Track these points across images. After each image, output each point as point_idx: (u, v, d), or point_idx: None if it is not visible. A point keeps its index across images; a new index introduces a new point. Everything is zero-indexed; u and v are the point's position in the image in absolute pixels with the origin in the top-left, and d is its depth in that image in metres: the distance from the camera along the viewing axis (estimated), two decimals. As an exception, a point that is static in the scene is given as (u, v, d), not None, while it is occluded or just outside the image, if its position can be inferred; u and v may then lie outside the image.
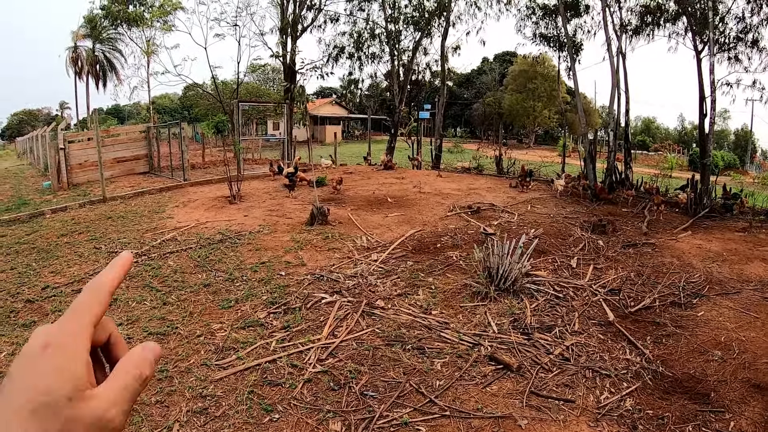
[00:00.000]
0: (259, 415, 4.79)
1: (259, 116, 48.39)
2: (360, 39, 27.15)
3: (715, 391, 5.28)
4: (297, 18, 25.50)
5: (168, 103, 77.65)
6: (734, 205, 14.72)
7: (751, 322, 6.84)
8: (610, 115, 19.14)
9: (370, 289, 7.78)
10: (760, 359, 5.80)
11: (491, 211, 12.84)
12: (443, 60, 26.31)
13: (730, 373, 5.56)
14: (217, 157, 25.34)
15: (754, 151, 63.38)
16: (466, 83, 73.12)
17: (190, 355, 5.89)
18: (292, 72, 25.74)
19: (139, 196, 16.30)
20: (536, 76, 58.53)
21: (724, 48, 19.78)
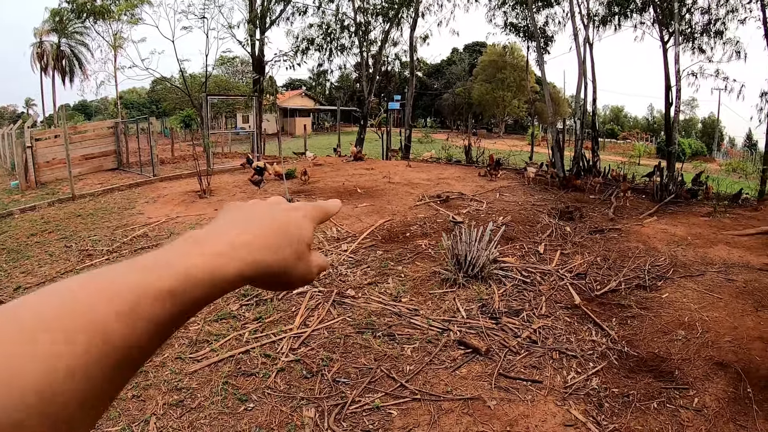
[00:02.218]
0: (234, 405, 4.86)
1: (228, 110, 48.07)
2: (329, 31, 27.08)
3: (679, 369, 5.44)
4: (265, 10, 25.34)
5: (136, 97, 76.65)
6: (699, 191, 15.01)
7: (714, 302, 7.02)
8: (577, 104, 19.39)
9: (341, 279, 7.86)
10: (722, 338, 5.97)
11: (460, 199, 12.95)
12: (412, 51, 26.34)
13: (694, 352, 5.73)
14: (187, 152, 25.15)
15: (721, 138, 64.39)
16: (436, 74, 73.18)
17: (164, 349, 5.91)
18: (261, 64, 25.61)
19: (108, 192, 16.18)
20: (505, 66, 58.82)
21: (690, 38, 20.16)
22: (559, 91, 48.39)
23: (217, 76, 45.53)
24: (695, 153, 44.71)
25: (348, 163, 20.82)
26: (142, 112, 56.89)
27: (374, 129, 26.08)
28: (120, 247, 9.88)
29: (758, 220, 12.18)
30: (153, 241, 10.13)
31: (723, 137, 66.77)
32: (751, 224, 11.66)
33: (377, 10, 26.37)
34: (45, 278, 8.38)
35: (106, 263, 8.51)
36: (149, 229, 11.00)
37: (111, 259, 9.19)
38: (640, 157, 29.24)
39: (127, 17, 26.82)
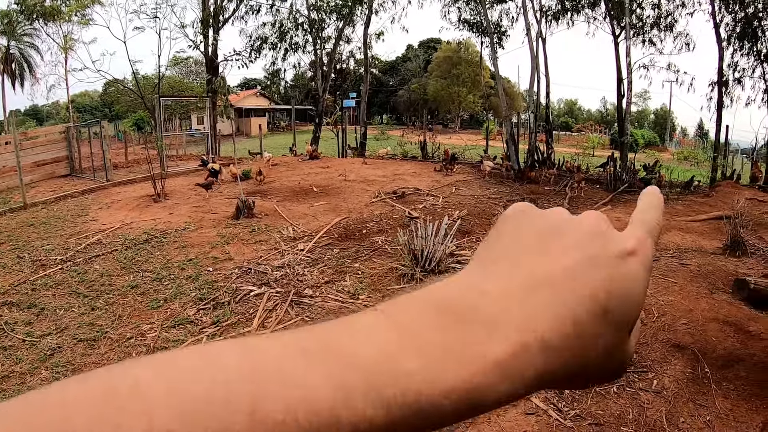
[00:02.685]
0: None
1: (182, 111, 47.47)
2: (282, 29, 26.93)
3: (637, 352, 5.53)
4: (218, 9, 25.14)
5: (88, 101, 74.99)
6: (653, 179, 15.31)
7: (669, 287, 7.17)
8: (530, 98, 19.65)
9: (298, 279, 7.84)
10: (678, 321, 6.10)
11: (416, 195, 13.02)
12: (366, 48, 26.37)
13: (651, 336, 5.84)
14: (141, 156, 24.77)
15: (673, 129, 65.80)
16: (392, 70, 73.15)
17: (122, 359, 5.75)
18: (214, 64, 25.38)
19: (61, 200, 15.84)
20: (460, 62, 58.99)
21: (641, 32, 20.57)
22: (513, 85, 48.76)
23: (170, 77, 44.93)
24: (648, 143, 45.57)
25: (304, 162, 20.76)
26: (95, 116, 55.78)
27: (330, 127, 26.02)
28: (74, 255, 9.70)
29: (710, 205, 12.51)
30: (107, 248, 9.97)
31: (675, 127, 68.23)
32: (703, 210, 11.97)
33: (331, 7, 26.31)
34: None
35: (60, 273, 8.42)
36: (103, 236, 10.82)
37: (65, 268, 9.02)
38: (594, 149, 29.62)
39: (78, 18, 26.32)
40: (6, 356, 6.07)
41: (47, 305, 7.46)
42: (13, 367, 5.78)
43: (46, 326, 6.82)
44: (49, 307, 7.38)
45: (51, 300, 7.67)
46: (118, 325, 6.75)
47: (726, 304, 6.56)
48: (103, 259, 9.39)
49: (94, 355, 5.99)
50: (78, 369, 5.68)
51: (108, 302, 7.48)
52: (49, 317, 7.10)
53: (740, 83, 20.37)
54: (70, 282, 8.35)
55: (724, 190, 14.52)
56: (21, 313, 7.28)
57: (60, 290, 8.04)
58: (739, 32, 19.42)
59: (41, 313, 7.26)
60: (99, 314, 7.10)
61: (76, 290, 7.97)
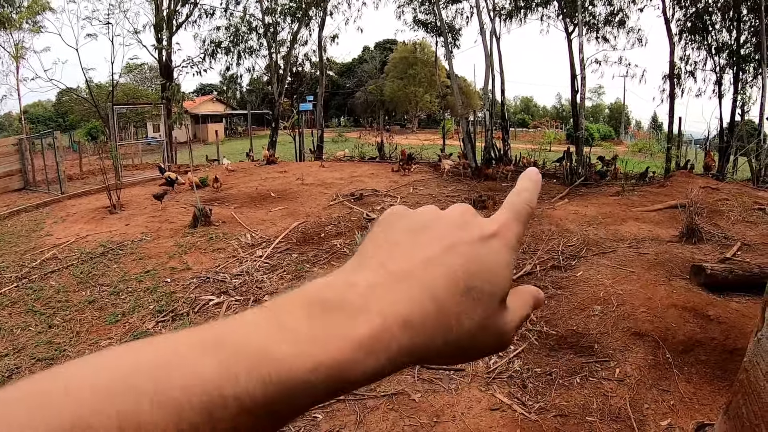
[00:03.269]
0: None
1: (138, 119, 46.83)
2: (237, 33, 26.77)
3: (599, 342, 5.63)
4: (172, 13, 24.87)
5: (42, 111, 73.58)
6: (608, 172, 15.55)
7: (627, 276, 7.28)
8: (485, 96, 19.75)
9: (257, 286, 7.78)
10: (638, 309, 6.20)
11: (374, 196, 13.02)
12: (321, 50, 26.29)
13: (612, 325, 5.93)
14: (96, 166, 24.38)
15: (628, 122, 66.98)
16: (348, 72, 73.21)
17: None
18: (169, 70, 25.11)
19: (15, 215, 15.49)
20: (416, 63, 59.33)
21: (594, 28, 20.93)
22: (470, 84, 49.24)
23: (125, 85, 44.25)
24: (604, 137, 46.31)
25: (261, 167, 20.61)
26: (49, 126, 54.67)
27: (287, 131, 25.90)
28: (29, 272, 9.48)
29: (665, 195, 12.73)
30: (63, 263, 9.77)
31: (629, 121, 69.46)
32: (658, 200, 12.18)
33: (285, 10, 26.20)
34: (-51, 312, 7.98)
35: (15, 291, 8.23)
36: (58, 250, 10.60)
37: (20, 285, 8.83)
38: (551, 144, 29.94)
39: (29, 25, 25.80)
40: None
41: (3, 325, 7.26)
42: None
43: (2, 347, 6.64)
44: (6, 327, 7.18)
45: (7, 319, 7.47)
46: (76, 342, 6.61)
47: (684, 290, 6.67)
48: (59, 274, 9.20)
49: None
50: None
51: (65, 319, 7.32)
52: (6, 337, 6.91)
53: (693, 75, 20.90)
54: (26, 300, 8.13)
55: (678, 179, 14.78)
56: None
57: (16, 309, 7.85)
58: (690, 27, 19.90)
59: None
60: (57, 332, 6.95)
61: (32, 308, 7.77)
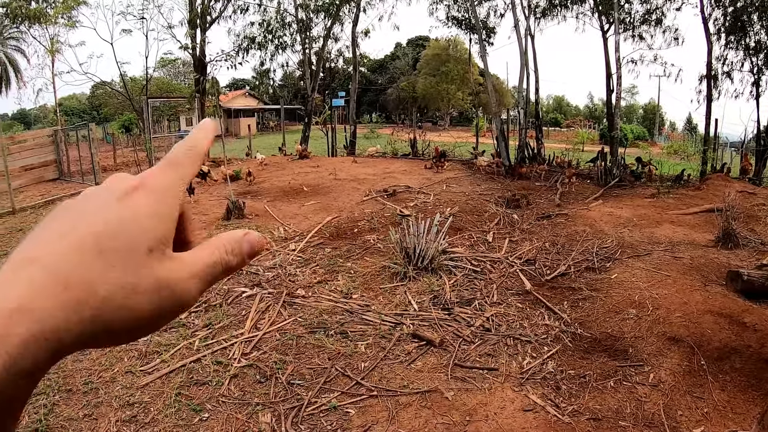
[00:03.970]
0: (188, 416, 4.75)
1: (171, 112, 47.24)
2: (270, 29, 26.79)
3: (633, 346, 5.52)
4: (206, 9, 24.98)
5: (76, 104, 74.67)
6: (643, 174, 15.28)
7: (662, 280, 7.14)
8: (520, 94, 19.55)
9: (290, 279, 7.74)
10: (673, 314, 6.06)
11: (407, 193, 12.93)
12: (354, 46, 26.25)
13: (646, 329, 5.81)
14: (130, 158, 24.61)
15: (661, 123, 65.94)
16: (380, 69, 73.16)
17: (114, 364, 5.74)
18: (203, 64, 25.24)
19: (50, 204, 15.65)
20: (449, 60, 59.01)
21: (629, 27, 20.57)
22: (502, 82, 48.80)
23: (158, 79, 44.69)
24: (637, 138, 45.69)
25: (294, 161, 20.62)
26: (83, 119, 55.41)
27: (319, 126, 25.90)
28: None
29: (701, 198, 12.49)
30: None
31: (663, 122, 68.39)
32: (694, 203, 11.94)
33: (318, 6, 26.19)
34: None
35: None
36: (91, 238, 10.65)
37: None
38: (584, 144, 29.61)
39: (64, 20, 26.07)
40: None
41: None
42: None
43: None
44: None
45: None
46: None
47: (720, 296, 6.53)
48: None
49: (85, 361, 5.86)
50: (69, 375, 5.56)
51: (97, 307, 7.32)
52: None
53: (729, 77, 20.43)
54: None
55: (714, 183, 14.50)
56: None
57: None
58: (727, 26, 19.46)
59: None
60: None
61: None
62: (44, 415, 4.83)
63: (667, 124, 69.78)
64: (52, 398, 5.11)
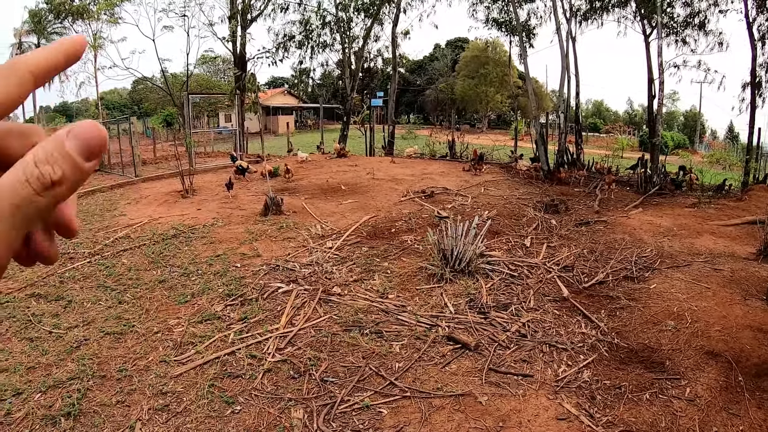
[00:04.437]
0: (220, 408, 4.80)
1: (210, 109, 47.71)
2: (310, 27, 26.92)
3: (670, 359, 5.43)
4: (246, 7, 25.18)
5: (117, 98, 75.82)
6: (683, 183, 15.05)
7: (701, 292, 7.03)
8: (560, 98, 19.40)
9: (326, 277, 7.79)
10: (712, 327, 5.96)
11: (445, 194, 12.90)
12: (394, 46, 26.27)
13: (684, 342, 5.72)
14: (169, 152, 24.88)
15: (702, 131, 64.63)
16: (419, 70, 73.02)
17: (149, 353, 5.85)
18: (243, 61, 25.44)
19: (90, 194, 15.96)
20: (488, 62, 58.69)
21: (672, 31, 20.22)
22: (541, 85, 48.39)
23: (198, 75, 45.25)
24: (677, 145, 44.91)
25: (332, 160, 20.71)
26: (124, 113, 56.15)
27: (357, 126, 25.96)
28: (102, 249, 9.73)
29: (742, 209, 12.25)
30: (135, 242, 9.99)
31: (704, 129, 67.08)
32: (735, 214, 11.72)
33: (359, 6, 26.25)
34: (26, 283, 8.22)
35: (88, 266, 8.48)
36: (131, 230, 10.85)
37: (93, 261, 9.07)
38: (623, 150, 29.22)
39: (107, 16, 26.48)
40: (32, 347, 6.09)
41: (75, 298, 7.50)
42: (39, 359, 5.80)
43: (73, 318, 6.85)
44: (77, 300, 7.42)
45: (78, 293, 7.71)
46: (145, 319, 6.75)
47: (760, 311, 6.42)
48: (131, 253, 9.42)
49: (120, 349, 5.99)
50: (104, 362, 5.68)
51: (135, 296, 7.49)
52: (77, 310, 7.13)
53: (774, 84, 19.94)
54: (97, 275, 8.39)
55: (757, 194, 14.23)
56: (48, 305, 7.33)
57: (88, 283, 8.09)
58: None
59: (68, 305, 7.30)
60: (126, 308, 7.11)
61: (103, 283, 8.00)
62: (77, 399, 4.93)
63: (708, 132, 68.43)
64: (86, 383, 5.22)
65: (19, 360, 5.79)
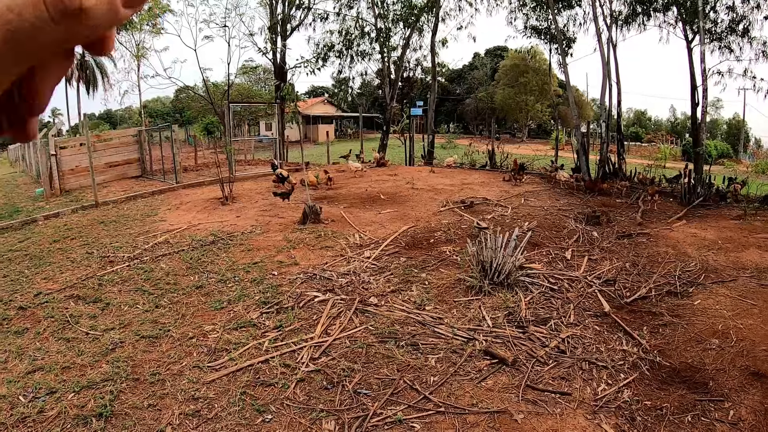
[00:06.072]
0: (251, 416, 4.77)
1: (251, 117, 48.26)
2: (349, 37, 27.04)
3: (714, 380, 5.23)
4: (286, 17, 25.43)
5: (160, 106, 77.29)
6: (728, 194, 14.66)
7: (747, 309, 6.79)
8: (602, 107, 19.07)
9: (363, 287, 7.73)
10: (758, 346, 5.75)
11: (484, 205, 12.78)
12: (433, 56, 26.22)
13: (729, 362, 5.51)
14: (210, 160, 25.26)
15: (747, 140, 63.14)
16: (458, 79, 72.99)
17: (183, 358, 5.88)
18: (282, 70, 25.65)
19: (131, 200, 16.21)
20: (528, 70, 58.40)
21: (715, 37, 19.76)
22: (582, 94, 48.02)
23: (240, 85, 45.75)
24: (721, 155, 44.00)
25: (371, 169, 20.70)
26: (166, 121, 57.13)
27: (397, 135, 25.95)
28: (141, 253, 9.85)
29: (791, 222, 11.86)
30: (174, 248, 10.08)
31: (749, 138, 65.56)
32: (783, 227, 11.36)
33: (398, 16, 26.30)
34: (66, 284, 8.39)
35: (126, 270, 8.58)
36: (170, 236, 10.96)
37: (132, 266, 9.16)
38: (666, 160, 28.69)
39: (149, 27, 26.98)
40: (68, 347, 6.23)
41: (112, 300, 7.63)
42: (75, 359, 5.91)
43: (109, 321, 6.96)
44: (114, 303, 7.54)
45: (116, 296, 7.83)
46: (180, 324, 6.80)
47: (809, 330, 6.15)
48: (170, 258, 9.50)
49: (155, 352, 6.05)
50: (137, 365, 5.74)
51: (172, 301, 7.56)
52: (114, 312, 7.25)
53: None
54: (136, 279, 8.50)
55: (806, 206, 13.80)
56: (86, 307, 7.47)
57: (126, 286, 8.20)
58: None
59: (106, 307, 7.43)
60: (162, 312, 7.18)
61: (141, 287, 8.10)
62: (110, 401, 4.99)
63: (752, 141, 66.84)
64: (120, 385, 5.28)
65: (54, 359, 5.92)
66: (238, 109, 39.66)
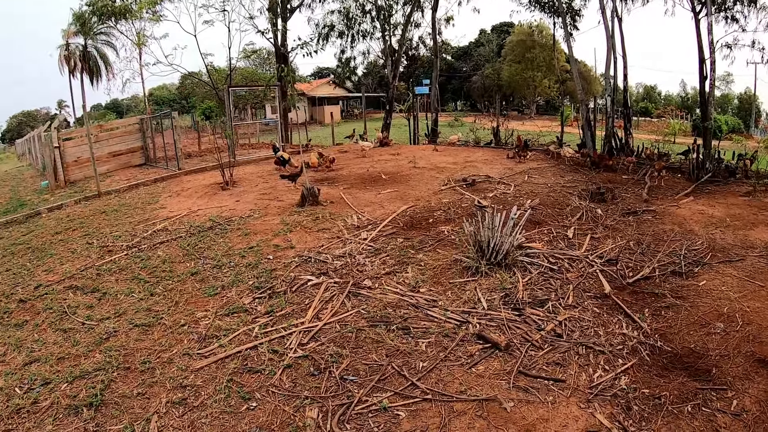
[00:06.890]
0: (236, 403, 4.75)
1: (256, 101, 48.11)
2: (350, 16, 26.81)
3: (717, 366, 5.02)
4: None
5: (166, 93, 77.52)
6: (738, 169, 14.39)
7: (755, 291, 6.54)
8: (606, 80, 18.75)
9: (358, 269, 7.63)
10: (765, 331, 5.51)
11: (487, 183, 12.60)
12: (435, 33, 25.99)
13: (733, 347, 5.29)
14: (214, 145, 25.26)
15: (758, 114, 62.38)
16: (464, 56, 72.58)
17: (173, 345, 5.87)
18: (280, 52, 25.47)
19: (133, 188, 16.23)
20: (534, 46, 58.00)
21: (722, 7, 19.31)
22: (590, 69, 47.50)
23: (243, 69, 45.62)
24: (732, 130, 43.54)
25: (373, 149, 20.54)
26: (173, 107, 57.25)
27: (403, 114, 25.79)
28: (140, 242, 9.81)
29: (802, 199, 11.59)
30: (172, 235, 10.02)
31: (760, 113, 64.77)
32: (794, 203, 11.09)
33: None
34: (65, 275, 8.40)
35: (124, 258, 8.55)
36: (169, 222, 10.90)
37: (129, 254, 9.12)
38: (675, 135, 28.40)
39: (149, 15, 26.87)
40: (65, 338, 6.27)
41: (109, 290, 7.65)
42: (70, 350, 5.95)
43: (105, 310, 6.97)
44: (111, 292, 7.56)
45: (113, 285, 7.84)
46: (173, 311, 6.79)
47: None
48: (167, 245, 9.47)
49: (147, 341, 6.05)
50: (129, 354, 5.75)
51: (167, 288, 7.55)
52: (110, 302, 7.27)
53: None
54: (133, 268, 8.51)
55: (819, 182, 13.50)
56: (84, 297, 7.51)
57: (123, 275, 8.22)
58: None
59: (103, 297, 7.45)
60: (157, 300, 7.18)
61: (137, 276, 8.10)
62: (100, 390, 5.02)
63: (763, 116, 66.02)
64: (111, 374, 5.31)
65: (51, 351, 5.96)
66: (242, 93, 39.55)
